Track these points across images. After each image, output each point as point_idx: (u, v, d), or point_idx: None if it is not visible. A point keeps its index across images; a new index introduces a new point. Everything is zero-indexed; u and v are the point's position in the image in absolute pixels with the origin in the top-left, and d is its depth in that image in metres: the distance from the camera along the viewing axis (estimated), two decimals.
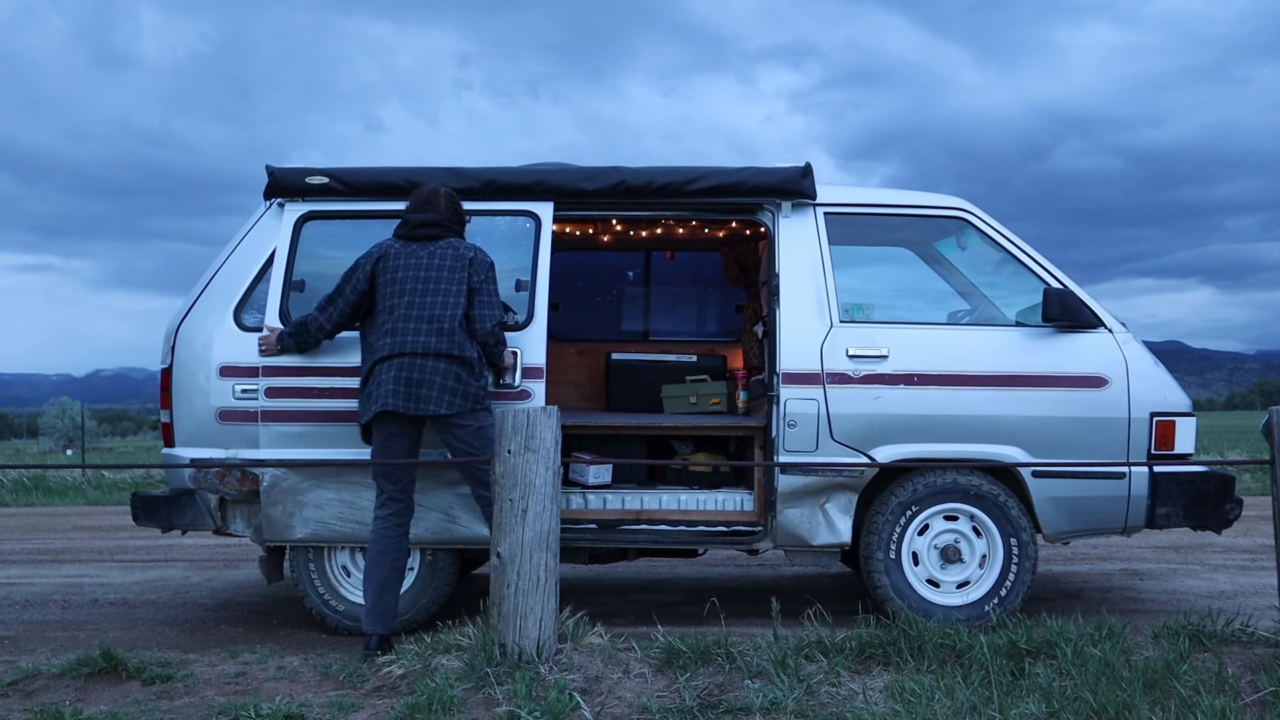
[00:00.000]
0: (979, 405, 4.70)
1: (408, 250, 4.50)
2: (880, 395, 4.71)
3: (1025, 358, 4.76)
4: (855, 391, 4.72)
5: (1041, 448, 4.69)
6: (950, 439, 4.71)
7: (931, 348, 4.79)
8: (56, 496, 13.63)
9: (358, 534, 4.68)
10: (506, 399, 4.63)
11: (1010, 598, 4.69)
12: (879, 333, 4.81)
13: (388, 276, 4.46)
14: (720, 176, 4.89)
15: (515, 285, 4.80)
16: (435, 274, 4.44)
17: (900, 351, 4.76)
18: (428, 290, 4.42)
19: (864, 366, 4.74)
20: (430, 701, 3.31)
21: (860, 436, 4.72)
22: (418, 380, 4.31)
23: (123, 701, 3.58)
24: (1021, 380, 4.72)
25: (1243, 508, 4.80)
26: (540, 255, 4.83)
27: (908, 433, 4.71)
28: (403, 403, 4.29)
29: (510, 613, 3.58)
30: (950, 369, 4.73)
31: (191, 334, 4.86)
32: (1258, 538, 7.73)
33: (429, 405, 4.30)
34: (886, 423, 4.70)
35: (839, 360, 4.75)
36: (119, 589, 6.27)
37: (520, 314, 4.77)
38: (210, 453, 4.78)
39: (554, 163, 5.16)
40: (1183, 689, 3.28)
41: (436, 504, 4.71)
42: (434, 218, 4.52)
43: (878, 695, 3.39)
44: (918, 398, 4.71)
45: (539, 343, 4.72)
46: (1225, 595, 5.64)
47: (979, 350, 4.78)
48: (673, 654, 3.67)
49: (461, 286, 4.42)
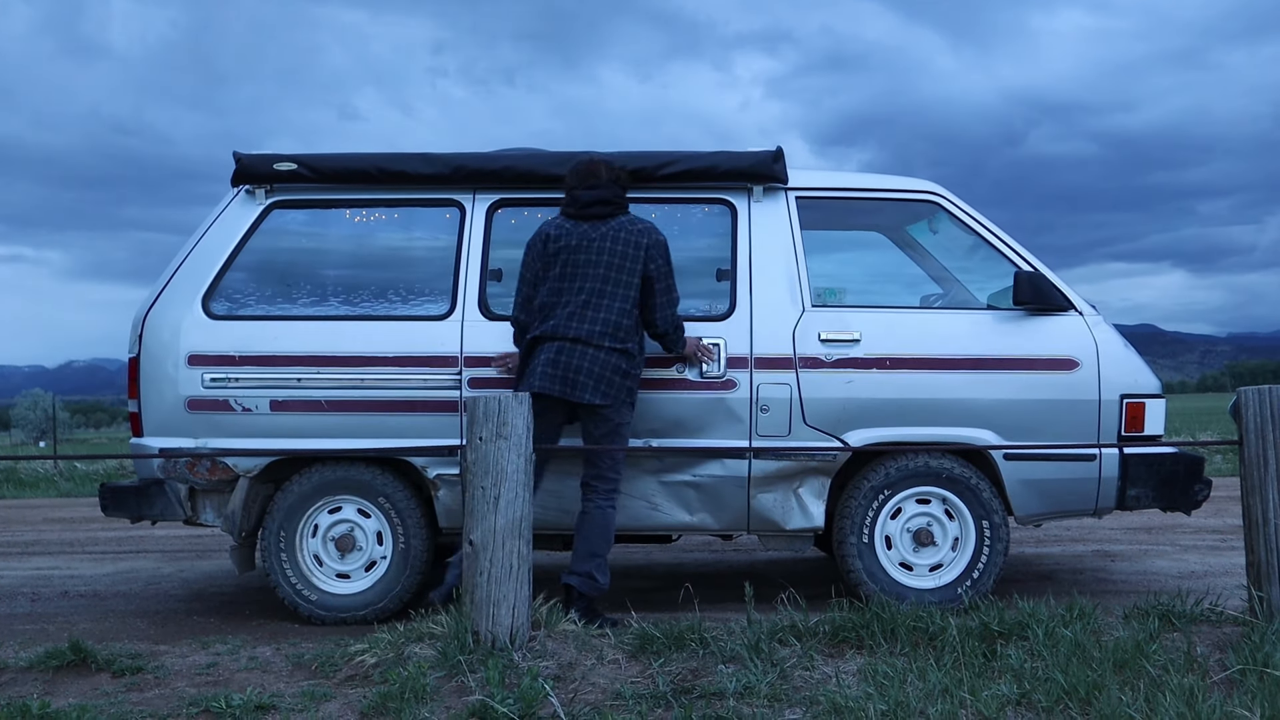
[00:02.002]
0: (951, 389, 4.72)
1: (578, 231, 4.45)
2: (853, 379, 4.72)
3: (996, 340, 4.78)
4: (828, 376, 4.73)
5: (1013, 430, 4.71)
6: (923, 422, 4.72)
7: (903, 331, 4.79)
8: (28, 489, 13.50)
9: (560, 521, 4.76)
10: (710, 389, 4.69)
11: (982, 580, 4.71)
12: (851, 316, 4.81)
13: (557, 258, 4.44)
14: (691, 161, 4.87)
15: (716, 275, 4.86)
16: (608, 258, 4.39)
17: (872, 335, 4.77)
18: (596, 276, 4.38)
19: (836, 350, 4.74)
20: (403, 690, 3.29)
21: (833, 420, 4.72)
22: (575, 366, 4.32)
23: (92, 694, 3.54)
24: (993, 364, 4.74)
25: (1212, 488, 4.84)
26: (739, 244, 4.86)
27: (880, 416, 4.72)
28: (557, 386, 4.32)
29: (483, 600, 3.57)
30: (922, 352, 4.74)
31: (159, 322, 4.82)
32: (1227, 518, 7.80)
33: (584, 393, 4.31)
34: (859, 407, 4.71)
35: (811, 344, 4.75)
36: (89, 581, 6.21)
37: (723, 304, 4.82)
38: (179, 442, 4.75)
39: (526, 148, 5.14)
40: (1152, 668, 3.31)
41: (639, 491, 4.76)
42: (602, 195, 4.46)
43: (851, 678, 3.40)
44: (890, 381, 4.72)
45: (743, 332, 4.74)
46: (1195, 575, 5.69)
47: (951, 334, 4.80)
48: (646, 640, 3.67)
49: (634, 277, 4.40)
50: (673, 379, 4.69)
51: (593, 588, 4.40)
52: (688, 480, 4.76)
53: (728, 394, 4.70)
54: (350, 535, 4.81)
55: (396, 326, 4.82)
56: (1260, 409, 3.75)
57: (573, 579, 4.40)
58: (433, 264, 4.94)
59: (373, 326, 4.82)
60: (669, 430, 4.73)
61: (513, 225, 4.98)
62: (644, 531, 4.91)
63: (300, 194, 4.99)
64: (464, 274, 4.85)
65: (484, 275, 4.85)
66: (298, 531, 4.79)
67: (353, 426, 4.75)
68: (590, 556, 4.41)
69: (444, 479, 4.75)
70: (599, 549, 4.43)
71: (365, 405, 4.75)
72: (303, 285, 4.95)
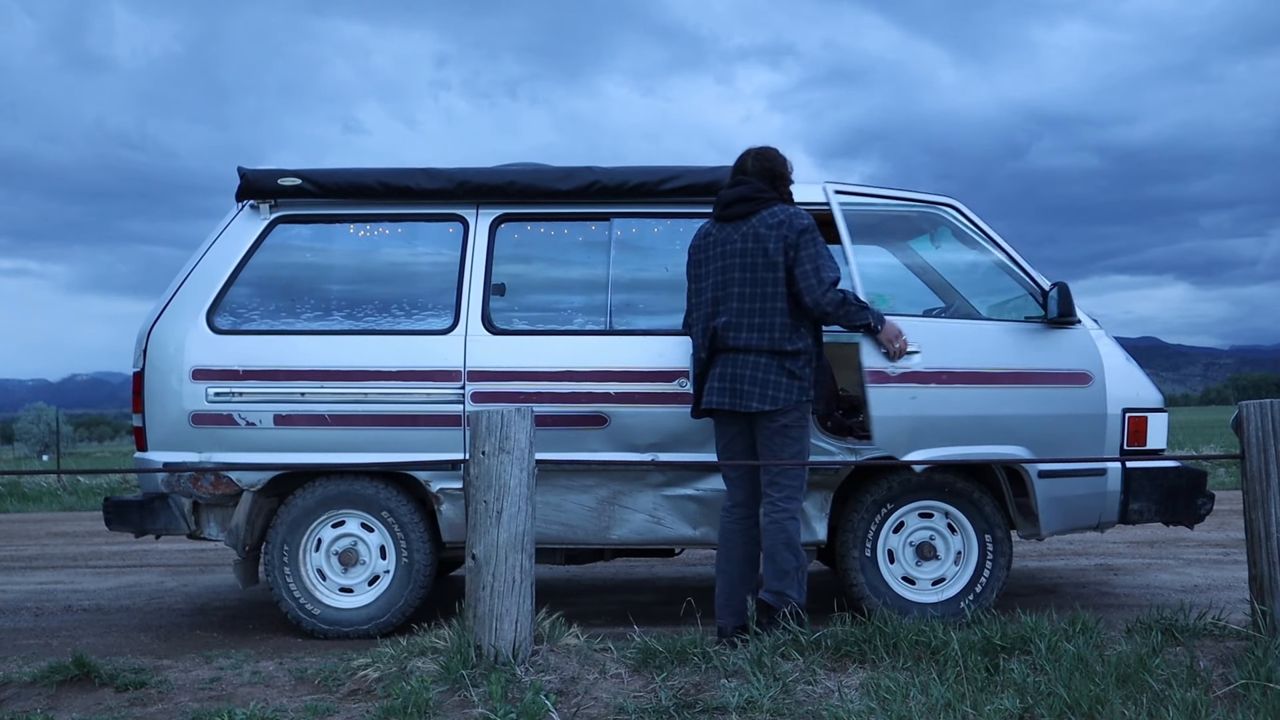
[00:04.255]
0: (992, 405, 4.64)
1: (721, 234, 4.25)
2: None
3: (1030, 355, 4.70)
4: None
5: (1040, 446, 4.64)
6: (965, 441, 4.63)
7: (954, 344, 4.69)
8: (31, 503, 13.51)
9: (562, 535, 4.77)
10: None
11: (985, 594, 4.70)
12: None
13: (700, 267, 4.30)
14: (694, 176, 4.89)
15: None
16: (747, 259, 4.16)
17: (929, 348, 4.67)
18: (736, 280, 4.17)
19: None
20: (405, 704, 3.29)
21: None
22: (738, 375, 4.16)
23: (95, 709, 3.54)
24: (1026, 378, 4.68)
25: (1214, 502, 4.84)
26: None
27: (929, 435, 4.63)
28: (726, 399, 4.18)
29: (486, 614, 3.57)
30: (970, 366, 4.66)
31: (164, 337, 4.84)
32: (1230, 531, 7.79)
33: (750, 402, 4.14)
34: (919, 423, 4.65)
35: None
36: (93, 595, 6.22)
37: None
38: (183, 456, 4.76)
39: (529, 163, 5.16)
40: (1155, 683, 3.30)
41: (642, 506, 4.75)
42: (742, 192, 4.22)
43: (853, 693, 3.40)
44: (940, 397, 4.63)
45: None
46: (1198, 589, 5.68)
47: (994, 346, 4.71)
48: (649, 654, 3.67)
49: (778, 272, 4.12)
50: (675, 393, 4.70)
51: (783, 602, 4.13)
52: (691, 494, 4.77)
53: None
54: (353, 549, 4.82)
55: (400, 341, 4.83)
56: (1262, 423, 3.75)
57: (766, 595, 4.18)
58: (436, 279, 4.95)
59: (376, 341, 4.84)
60: (672, 444, 4.72)
61: (516, 240, 5.00)
62: (648, 545, 4.91)
63: (304, 209, 5.01)
64: (467, 288, 4.86)
65: (487, 290, 4.87)
66: (301, 545, 4.80)
67: (356, 441, 4.76)
68: (780, 575, 4.17)
69: (447, 493, 4.76)
70: (785, 563, 4.16)
71: (369, 419, 4.76)
72: (307, 300, 4.97)
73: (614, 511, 4.76)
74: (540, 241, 5.05)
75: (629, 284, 4.93)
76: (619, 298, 4.88)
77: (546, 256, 5.07)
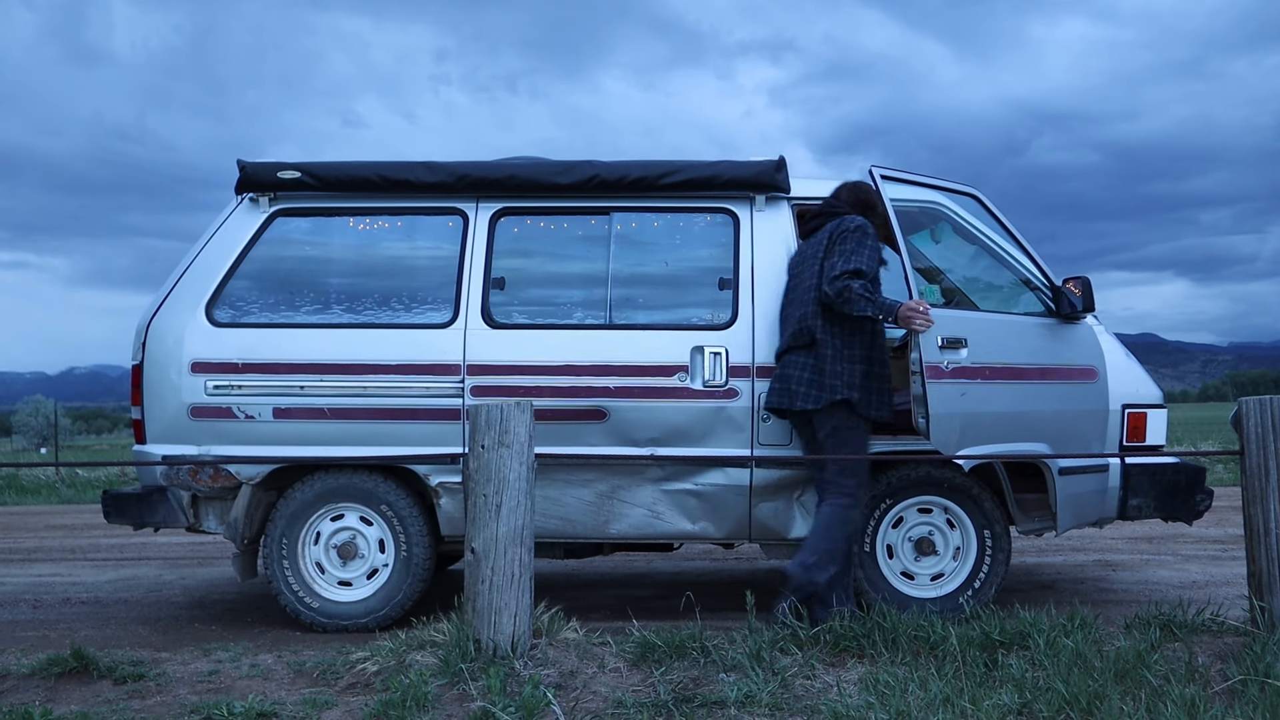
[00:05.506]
0: (1018, 401, 4.56)
1: (799, 249, 4.68)
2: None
3: (1052, 349, 4.64)
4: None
5: (1057, 442, 4.58)
6: (994, 439, 4.54)
7: (974, 337, 4.54)
8: (29, 495, 13.52)
9: (561, 529, 4.78)
10: (712, 397, 4.70)
11: (984, 589, 4.70)
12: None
13: (788, 283, 4.66)
14: (694, 171, 4.88)
15: (719, 284, 4.86)
16: (803, 267, 4.53)
17: (975, 343, 4.53)
18: (794, 287, 4.55)
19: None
20: (404, 698, 3.29)
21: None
22: (786, 376, 4.45)
23: (94, 701, 3.55)
24: (1049, 374, 4.63)
25: (1213, 499, 4.84)
26: (741, 253, 4.86)
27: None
28: (784, 400, 4.45)
29: (485, 608, 3.57)
30: (1008, 361, 4.58)
31: (163, 330, 4.84)
32: (1229, 528, 7.80)
33: (796, 400, 4.39)
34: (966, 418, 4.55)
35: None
36: (91, 588, 6.22)
37: (725, 313, 4.81)
38: (182, 449, 4.76)
39: (529, 157, 5.15)
40: (1154, 678, 3.31)
41: (641, 500, 4.76)
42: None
43: (852, 687, 3.40)
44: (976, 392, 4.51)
45: (745, 341, 4.73)
46: (1196, 585, 5.69)
47: (1015, 341, 4.62)
48: (648, 648, 3.67)
49: (817, 267, 4.42)
50: (674, 387, 4.70)
51: (807, 582, 4.19)
52: (690, 489, 4.76)
53: (729, 403, 4.70)
54: (352, 543, 4.82)
55: (399, 335, 4.82)
56: (1261, 419, 3.76)
57: (791, 566, 4.26)
58: (436, 272, 4.94)
59: (376, 335, 4.83)
60: (671, 439, 4.72)
61: (515, 234, 4.99)
62: (646, 540, 4.91)
63: (304, 202, 5.00)
64: (467, 282, 4.86)
65: (487, 283, 4.86)
66: (300, 539, 4.80)
67: (355, 434, 4.76)
68: (810, 550, 4.27)
69: (446, 487, 4.76)
70: (818, 543, 4.27)
71: (368, 413, 4.75)
72: (306, 293, 4.96)
73: (613, 506, 4.76)
74: (540, 235, 5.04)
75: (628, 278, 4.92)
76: (618, 292, 4.88)
77: (546, 250, 5.06)
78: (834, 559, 4.26)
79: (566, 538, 4.83)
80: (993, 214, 4.89)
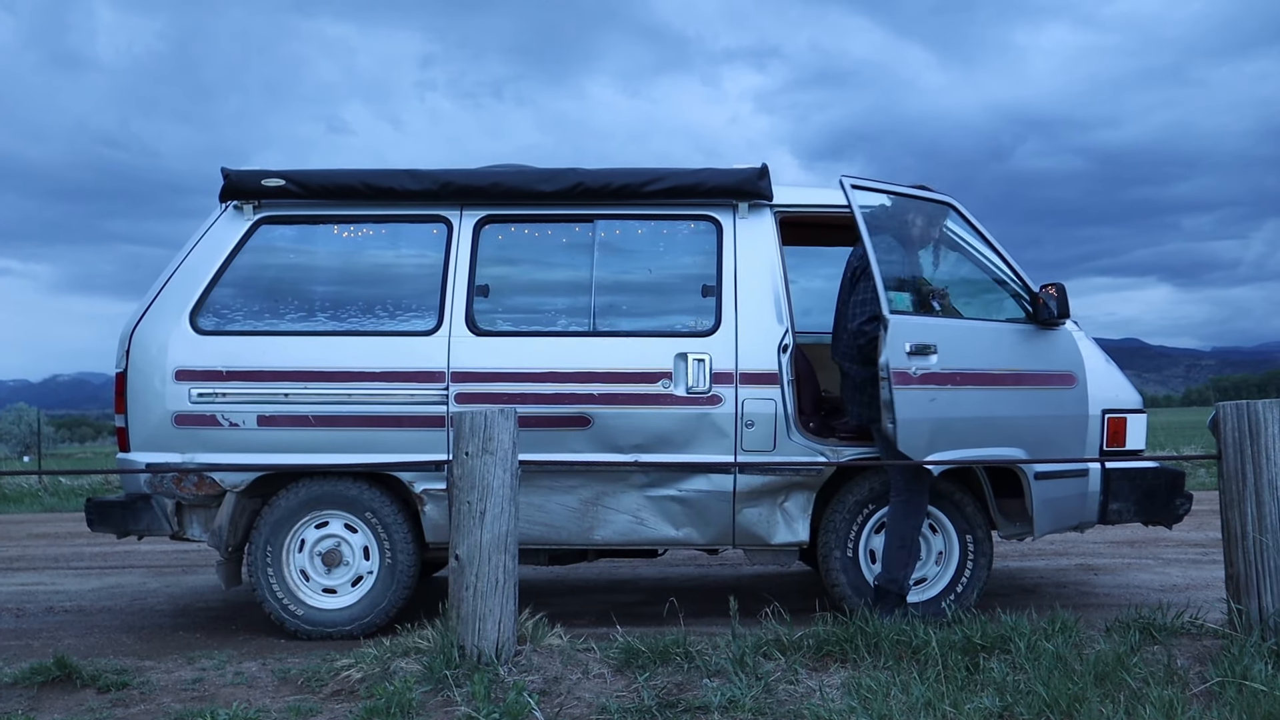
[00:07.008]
0: (990, 406, 4.58)
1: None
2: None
3: (1029, 355, 4.66)
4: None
5: (1034, 447, 4.60)
6: (970, 444, 4.56)
7: (944, 344, 4.55)
8: (12, 504, 13.43)
9: (545, 536, 4.81)
10: (696, 404, 4.74)
11: (966, 594, 4.73)
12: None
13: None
14: (677, 178, 4.91)
15: (702, 291, 4.89)
16: (842, 287, 4.80)
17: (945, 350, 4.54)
18: (839, 303, 4.80)
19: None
20: (389, 705, 3.30)
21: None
22: (844, 386, 4.77)
23: (77, 710, 3.54)
24: (1019, 379, 4.64)
25: (1193, 502, 4.89)
26: (724, 260, 4.90)
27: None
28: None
29: (469, 615, 3.58)
30: (980, 367, 4.60)
31: (146, 337, 4.83)
32: (1209, 531, 7.85)
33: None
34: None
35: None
36: (75, 596, 6.19)
37: (709, 320, 4.83)
38: (166, 457, 4.76)
39: (513, 164, 5.17)
40: (1133, 681, 3.34)
41: (625, 507, 4.78)
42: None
43: (835, 692, 3.42)
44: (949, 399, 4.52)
45: (728, 348, 4.77)
46: (1177, 588, 5.73)
47: (987, 347, 4.65)
48: (632, 654, 3.69)
49: (848, 294, 4.69)
50: (658, 394, 4.72)
51: (890, 582, 4.54)
52: (673, 495, 4.78)
53: (713, 409, 4.72)
54: (337, 550, 4.82)
55: (384, 342, 4.83)
56: (1239, 423, 3.79)
57: (877, 578, 4.65)
58: (420, 280, 4.95)
59: (360, 342, 4.84)
60: (655, 445, 4.74)
61: (500, 241, 5.00)
62: (631, 546, 4.92)
63: (288, 209, 5.01)
64: (451, 289, 4.87)
65: (471, 291, 4.87)
66: (284, 546, 4.80)
67: (340, 441, 4.76)
68: (884, 558, 4.63)
69: (430, 494, 4.76)
70: (891, 543, 4.57)
71: (352, 420, 4.76)
72: (290, 301, 4.96)
73: (597, 512, 4.78)
74: (524, 243, 5.06)
75: (612, 285, 4.94)
76: (602, 299, 4.90)
77: (530, 258, 5.07)
78: (906, 548, 4.55)
79: (551, 544, 4.85)
80: (970, 223, 4.92)
